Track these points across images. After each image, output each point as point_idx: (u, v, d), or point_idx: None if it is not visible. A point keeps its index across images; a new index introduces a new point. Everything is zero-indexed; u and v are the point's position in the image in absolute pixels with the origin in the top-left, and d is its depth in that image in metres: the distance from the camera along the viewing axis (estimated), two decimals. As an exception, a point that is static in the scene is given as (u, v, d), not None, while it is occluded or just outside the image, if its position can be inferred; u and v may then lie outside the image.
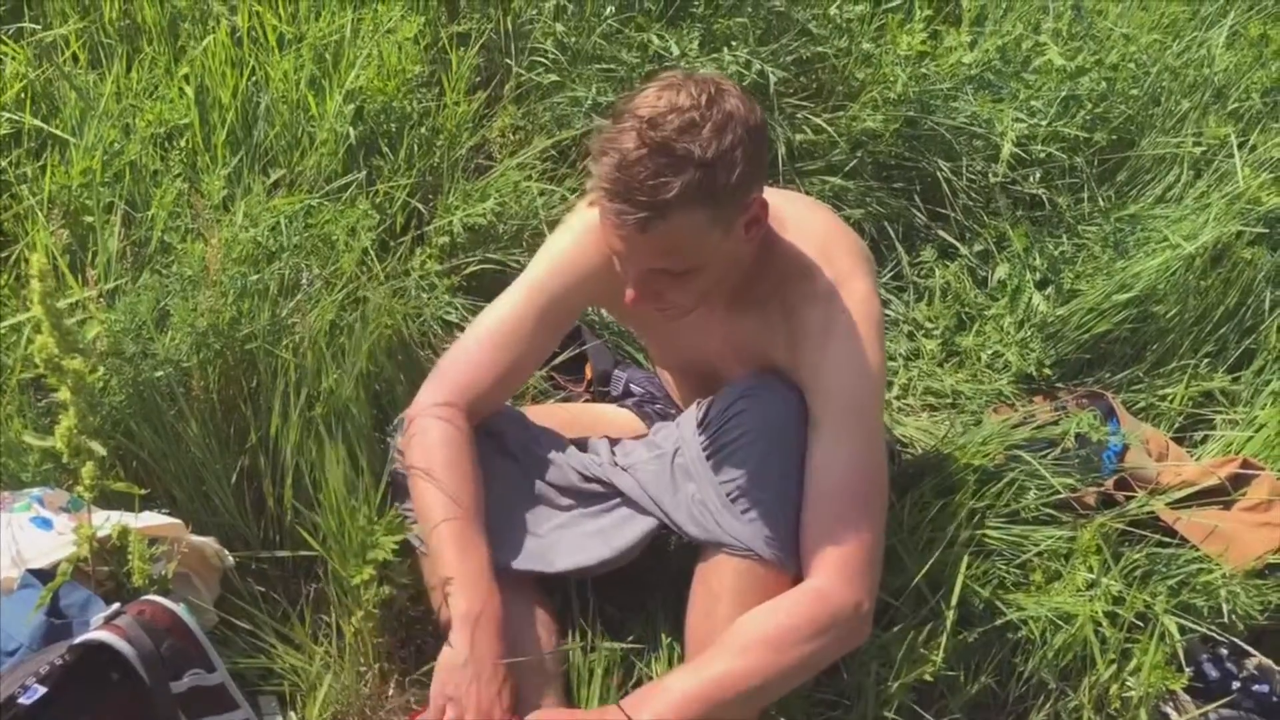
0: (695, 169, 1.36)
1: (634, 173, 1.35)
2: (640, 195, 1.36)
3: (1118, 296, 2.34)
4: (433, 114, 2.41)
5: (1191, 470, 2.04)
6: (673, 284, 1.47)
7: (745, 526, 1.52)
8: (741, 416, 1.54)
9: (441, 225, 2.24)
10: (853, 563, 1.49)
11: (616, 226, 1.40)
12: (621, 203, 1.37)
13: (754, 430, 1.52)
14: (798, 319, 1.55)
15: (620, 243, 1.43)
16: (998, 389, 2.36)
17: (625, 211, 1.38)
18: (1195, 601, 1.81)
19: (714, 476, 1.54)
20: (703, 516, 1.54)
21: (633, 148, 1.35)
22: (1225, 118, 2.58)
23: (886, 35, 2.64)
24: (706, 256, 1.45)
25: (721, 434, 1.55)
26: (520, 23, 2.65)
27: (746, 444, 1.52)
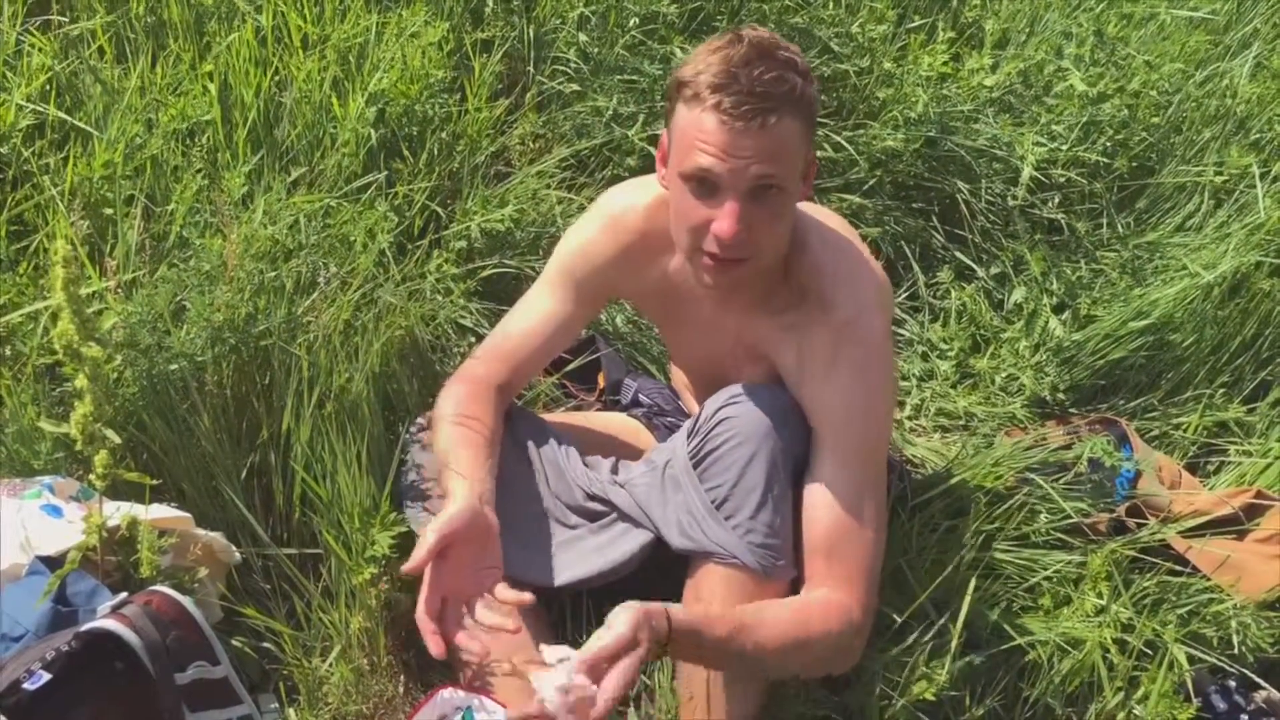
0: (796, 74, 1.42)
1: (752, 71, 1.38)
2: (760, 87, 1.38)
3: (1134, 323, 2.33)
4: (454, 119, 2.42)
5: (1204, 499, 2.02)
6: (763, 216, 1.45)
7: (729, 534, 1.52)
8: (725, 423, 1.54)
9: (459, 230, 2.24)
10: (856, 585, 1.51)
11: (732, 123, 1.39)
12: (741, 97, 1.38)
13: (737, 436, 1.52)
14: (808, 341, 1.56)
15: (727, 150, 1.40)
16: (1011, 412, 2.35)
17: (745, 104, 1.38)
18: (1205, 631, 1.79)
19: (699, 484, 1.54)
20: (690, 526, 1.54)
21: (740, 54, 1.40)
22: (1247, 148, 2.57)
23: (908, 56, 2.64)
24: (795, 181, 1.47)
25: (706, 441, 1.55)
26: (544, 31, 2.66)
27: (729, 450, 1.52)
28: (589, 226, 1.70)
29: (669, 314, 1.73)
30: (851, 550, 1.52)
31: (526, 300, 1.74)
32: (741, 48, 1.40)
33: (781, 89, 1.39)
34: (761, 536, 1.51)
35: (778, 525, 1.52)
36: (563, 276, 1.71)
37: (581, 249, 1.69)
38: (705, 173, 1.43)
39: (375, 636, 1.65)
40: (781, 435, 1.53)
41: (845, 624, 1.49)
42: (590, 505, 1.68)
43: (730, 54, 1.40)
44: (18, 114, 2.07)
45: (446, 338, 2.13)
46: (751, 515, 1.51)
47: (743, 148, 1.40)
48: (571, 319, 1.73)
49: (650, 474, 1.63)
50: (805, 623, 1.48)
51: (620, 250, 1.66)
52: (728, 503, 1.52)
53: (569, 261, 1.70)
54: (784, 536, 1.54)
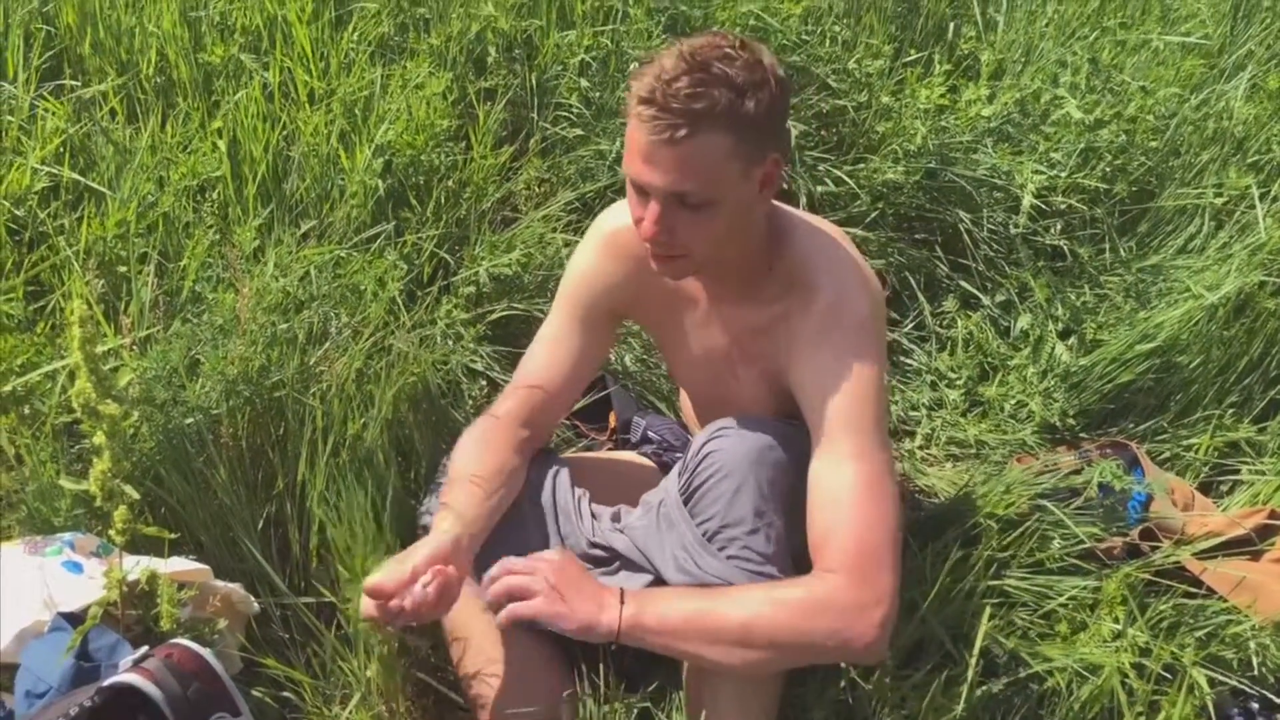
0: (728, 90, 1.41)
1: (671, 85, 1.40)
2: (675, 104, 1.39)
3: (1140, 347, 2.34)
4: (460, 167, 2.46)
5: (1218, 520, 2.02)
6: (688, 220, 1.48)
7: (723, 564, 1.52)
8: (710, 457, 1.56)
9: (468, 275, 2.27)
10: (864, 563, 1.45)
11: (647, 136, 1.42)
12: (657, 111, 1.40)
13: (724, 467, 1.54)
14: (795, 327, 1.58)
15: (645, 161, 1.44)
16: (1021, 439, 2.35)
17: (659, 119, 1.40)
18: (1224, 654, 1.78)
19: (690, 519, 1.56)
20: (684, 560, 1.55)
21: (671, 65, 1.41)
22: (1246, 169, 2.59)
23: (906, 89, 2.67)
24: (724, 191, 1.47)
25: (695, 477, 1.57)
26: (546, 78, 2.70)
27: (715, 483, 1.54)
28: (586, 251, 1.74)
29: (667, 322, 1.75)
30: (849, 529, 1.47)
31: (541, 335, 1.77)
32: (673, 60, 1.42)
33: (696, 105, 1.40)
34: (755, 565, 1.52)
35: (771, 551, 1.52)
36: (571, 305, 1.74)
37: (583, 274, 1.73)
38: (633, 178, 1.49)
39: (392, 683, 1.65)
40: (768, 463, 1.54)
41: (842, 598, 1.44)
42: (594, 553, 1.70)
43: (663, 66, 1.42)
44: (33, 177, 2.11)
45: (458, 382, 2.15)
46: (744, 544, 1.52)
47: (658, 159, 1.43)
48: (588, 346, 1.75)
49: (646, 515, 1.64)
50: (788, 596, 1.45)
51: (618, 268, 1.70)
52: (719, 534, 1.53)
53: (574, 290, 1.74)
54: (780, 561, 1.54)
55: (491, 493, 1.62)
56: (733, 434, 1.58)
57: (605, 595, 1.49)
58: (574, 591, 1.48)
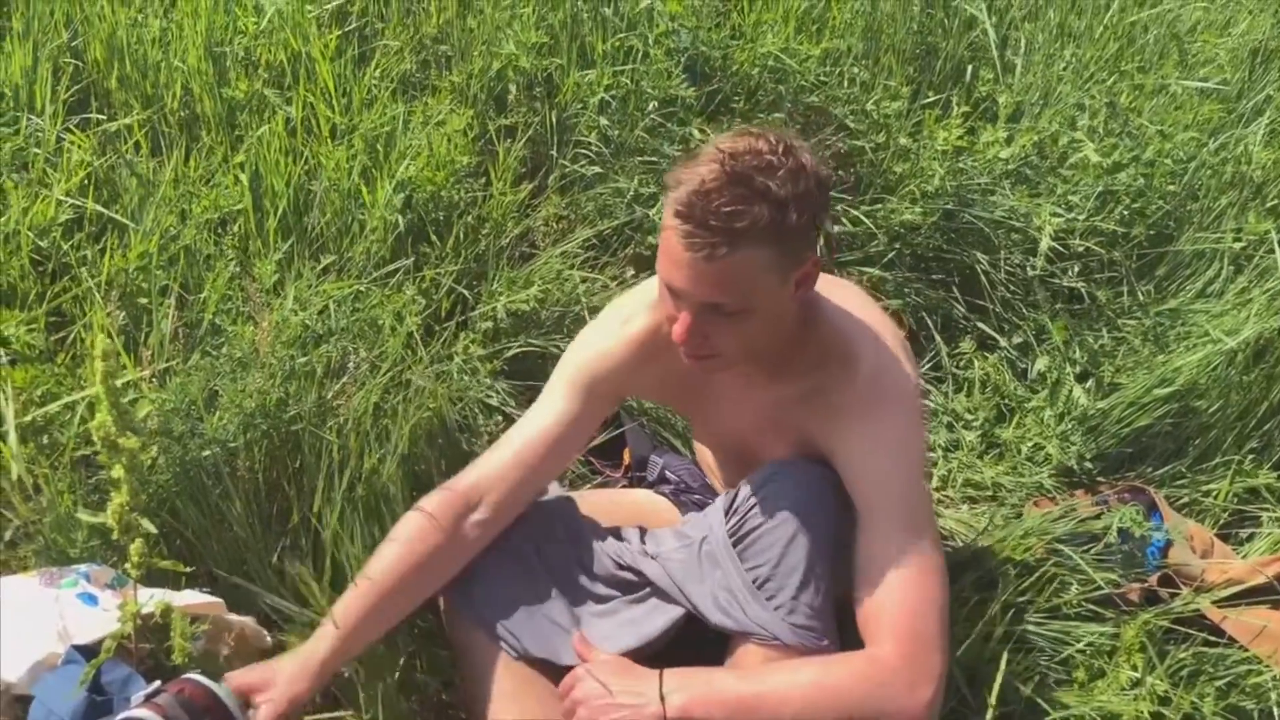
0: (769, 205, 1.37)
1: (711, 199, 1.36)
2: (714, 220, 1.36)
3: (1159, 391, 2.33)
4: (480, 203, 2.47)
5: (1238, 568, 2.00)
6: (722, 326, 1.46)
7: (770, 614, 1.51)
8: (766, 502, 1.54)
9: (486, 311, 2.28)
10: (915, 646, 1.45)
11: (683, 251, 1.39)
12: (694, 226, 1.37)
13: (779, 515, 1.52)
14: (835, 401, 1.55)
15: (681, 271, 1.41)
16: (1038, 482, 2.34)
17: (695, 235, 1.37)
18: (1245, 704, 1.76)
19: (740, 564, 1.54)
20: (730, 605, 1.54)
21: (712, 176, 1.37)
22: (1265, 214, 2.59)
23: (924, 130, 2.69)
24: (760, 300, 1.44)
25: (747, 520, 1.55)
26: (566, 116, 2.72)
27: (770, 529, 1.52)
28: (602, 334, 1.69)
29: (692, 401, 1.74)
30: (901, 609, 1.46)
31: (539, 403, 1.70)
32: (715, 170, 1.37)
33: (737, 224, 1.37)
34: (804, 618, 1.51)
35: (818, 605, 1.51)
36: (576, 381, 1.68)
37: (595, 354, 1.68)
38: (667, 283, 1.46)
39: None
40: (822, 514, 1.53)
41: (893, 681, 1.43)
42: (622, 575, 1.68)
43: (703, 176, 1.38)
44: (58, 209, 2.13)
45: (474, 417, 2.15)
46: (794, 595, 1.50)
47: (693, 273, 1.41)
48: (580, 420, 1.68)
49: (685, 550, 1.62)
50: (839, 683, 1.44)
51: (636, 353, 1.66)
52: (769, 583, 1.52)
53: (582, 366, 1.68)
54: (825, 617, 1.53)
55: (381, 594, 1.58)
56: (788, 480, 1.56)
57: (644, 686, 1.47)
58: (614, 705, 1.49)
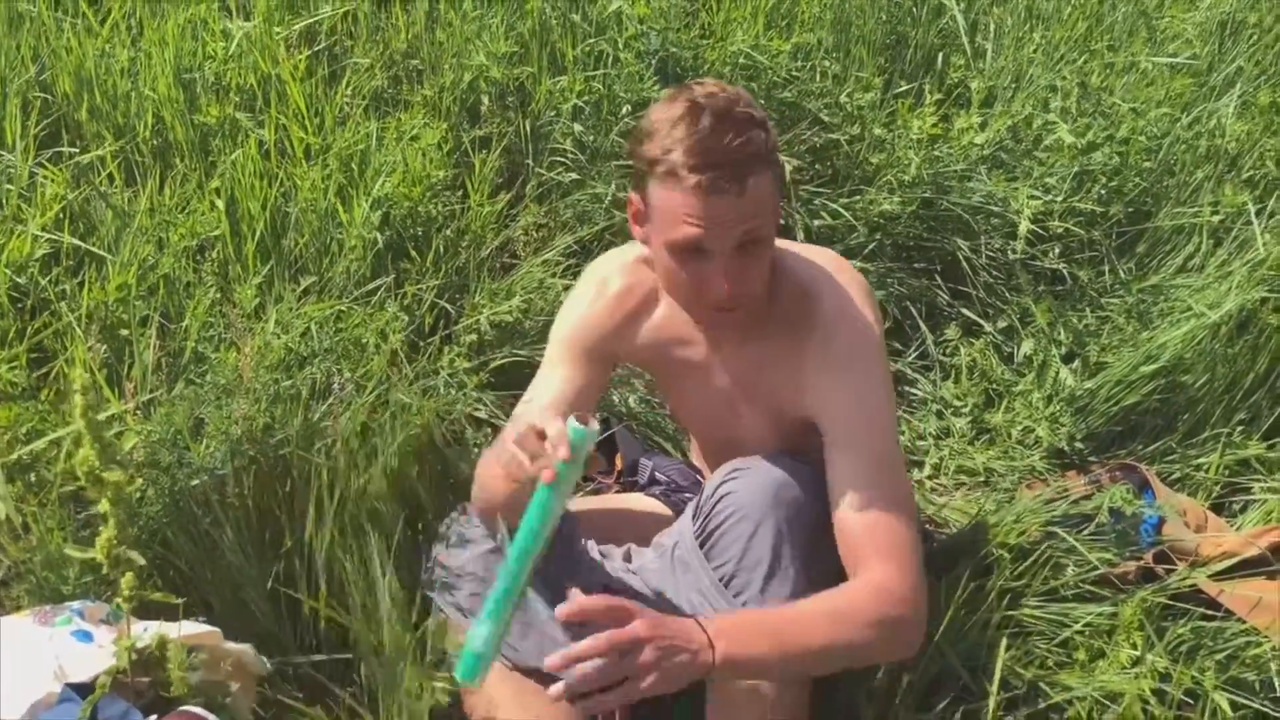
0: (758, 128, 1.45)
1: (720, 139, 1.41)
2: (734, 155, 1.41)
3: (1145, 368, 2.33)
4: (458, 216, 2.47)
5: (1232, 541, 2.00)
6: (748, 262, 1.50)
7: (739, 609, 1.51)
8: (726, 499, 1.55)
9: (469, 324, 2.28)
10: (903, 561, 1.49)
11: (707, 196, 1.42)
12: (717, 170, 1.41)
13: (738, 511, 1.53)
14: (801, 346, 1.59)
15: (715, 220, 1.44)
16: (1030, 465, 2.34)
17: (722, 177, 1.41)
18: (1246, 676, 1.76)
19: (706, 564, 1.54)
20: (701, 606, 1.54)
21: (706, 123, 1.41)
22: (1241, 186, 2.59)
23: (898, 120, 2.69)
24: (773, 224, 1.51)
25: (710, 519, 1.56)
26: (540, 124, 2.73)
27: (731, 525, 1.53)
28: (583, 299, 1.72)
29: (668, 366, 1.74)
30: (880, 531, 1.50)
31: (540, 380, 1.72)
32: (705, 118, 1.42)
33: (751, 151, 1.43)
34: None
35: (788, 594, 1.51)
36: (570, 350, 1.70)
37: (583, 320, 1.70)
38: (696, 243, 1.47)
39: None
40: (785, 503, 1.53)
41: (887, 598, 1.46)
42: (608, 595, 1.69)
43: (695, 126, 1.42)
44: (34, 244, 2.12)
45: (462, 431, 2.15)
46: (761, 589, 1.51)
47: (726, 216, 1.44)
48: (588, 387, 1.70)
49: (661, 559, 1.64)
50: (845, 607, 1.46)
51: (616, 314, 1.69)
52: (736, 579, 1.52)
53: (573, 335, 1.71)
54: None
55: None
56: (747, 475, 1.57)
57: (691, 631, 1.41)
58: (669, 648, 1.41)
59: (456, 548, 1.75)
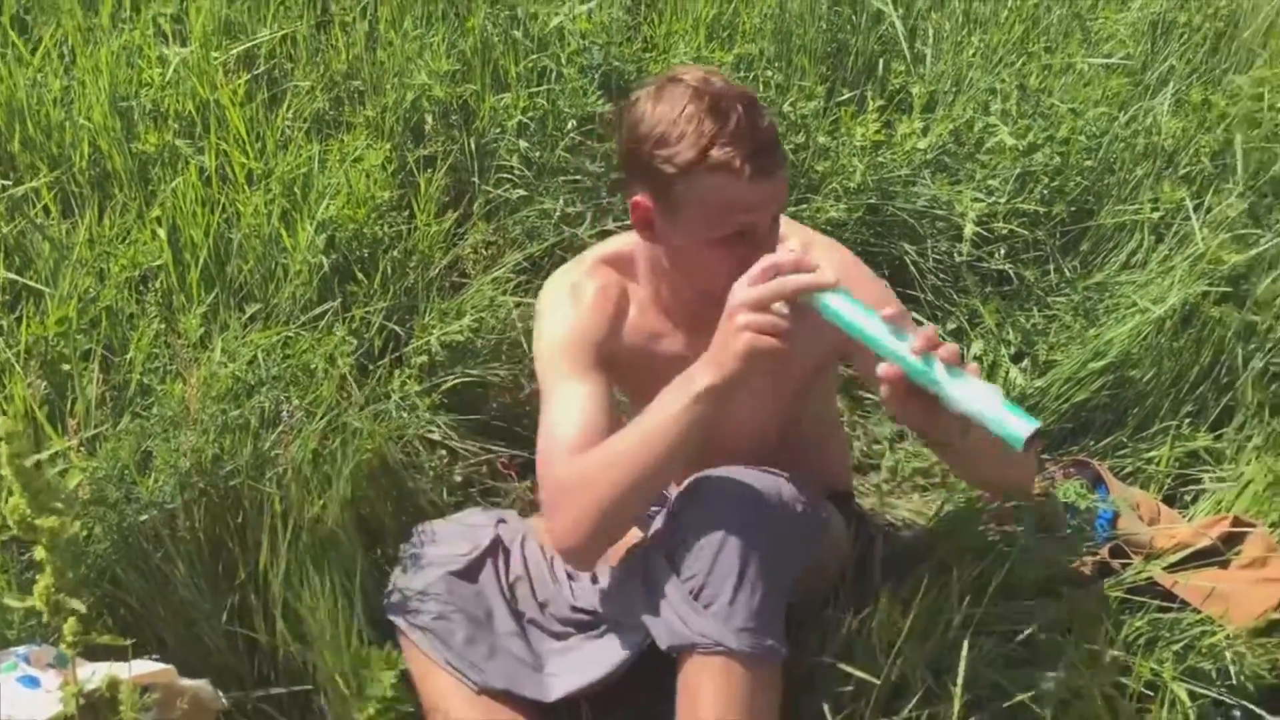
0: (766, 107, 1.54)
1: (755, 124, 1.46)
2: (771, 136, 1.48)
3: (1093, 364, 2.36)
4: (404, 237, 2.45)
5: (1185, 532, 2.03)
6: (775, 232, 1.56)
7: (709, 621, 1.49)
8: (694, 512, 1.54)
9: (419, 345, 2.25)
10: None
11: (759, 182, 1.46)
12: (765, 155, 1.46)
13: (708, 522, 1.51)
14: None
15: (764, 198, 1.49)
16: (985, 465, 2.36)
17: (769, 161, 1.47)
18: (1203, 665, 1.78)
19: (675, 577, 1.53)
20: (672, 620, 1.53)
21: (742, 110, 1.45)
22: (1179, 182, 2.64)
23: (841, 128, 2.70)
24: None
25: (678, 532, 1.54)
26: (485, 141, 2.71)
27: (700, 537, 1.51)
28: (563, 310, 1.67)
29: (651, 362, 1.70)
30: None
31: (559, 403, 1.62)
32: (734, 106, 1.45)
33: (776, 131, 1.50)
34: (743, 619, 1.49)
35: (758, 606, 1.50)
36: (577, 363, 1.64)
37: (575, 330, 1.65)
38: (749, 229, 1.50)
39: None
40: (751, 511, 1.53)
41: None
42: (577, 617, 1.68)
43: (731, 116, 1.45)
44: (-33, 281, 2.08)
45: (416, 454, 2.13)
46: (730, 600, 1.49)
47: (773, 195, 1.51)
48: (606, 395, 1.65)
49: (629, 573, 1.63)
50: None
51: (602, 315, 1.67)
52: (705, 590, 1.50)
53: (573, 347, 1.65)
54: (768, 616, 1.52)
55: None
56: (715, 486, 1.56)
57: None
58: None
59: (418, 570, 1.74)
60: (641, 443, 1.50)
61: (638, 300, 1.70)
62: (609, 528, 1.54)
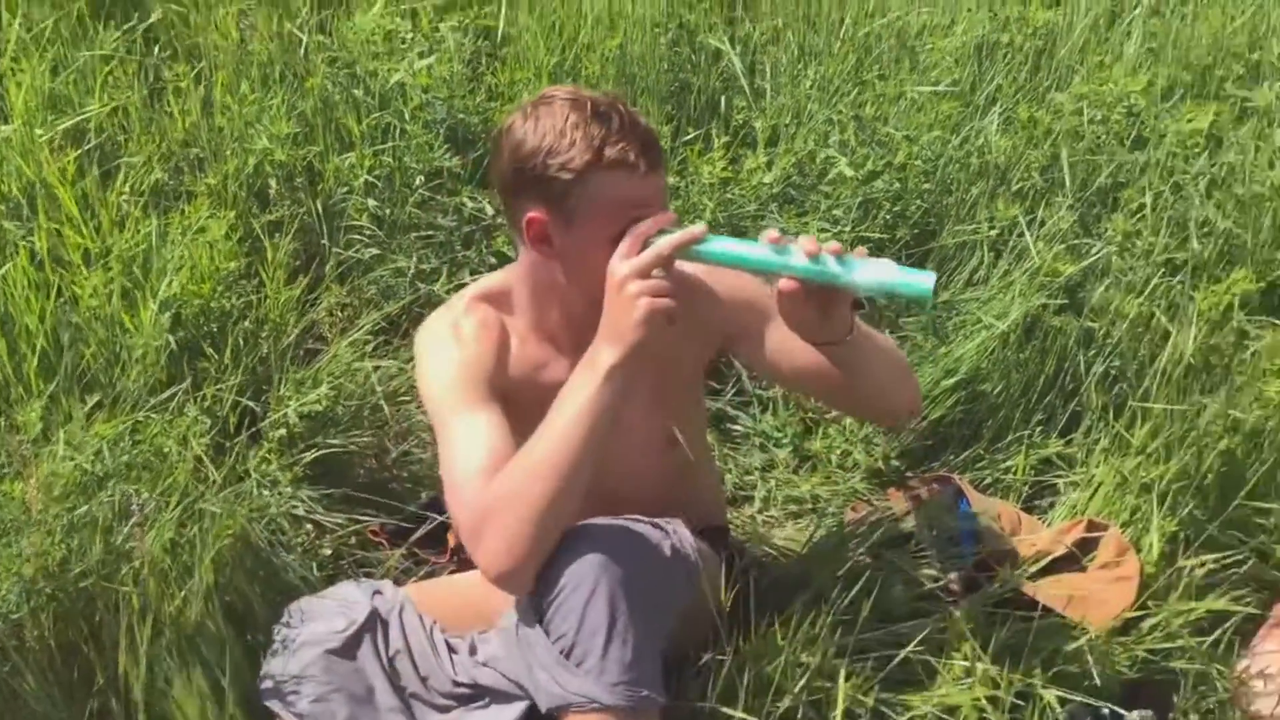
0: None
1: (637, 123, 1.54)
2: (653, 134, 1.56)
3: (946, 382, 2.44)
4: (255, 306, 2.39)
5: (1044, 540, 2.11)
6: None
7: (583, 679, 1.49)
8: (558, 569, 1.52)
9: (277, 419, 2.19)
10: None
11: (655, 173, 1.55)
12: (654, 150, 1.54)
13: (571, 578, 1.51)
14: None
15: (656, 192, 1.56)
16: (852, 488, 2.42)
17: (658, 155, 1.55)
18: (1070, 669, 1.85)
19: (546, 638, 1.53)
20: (549, 683, 1.52)
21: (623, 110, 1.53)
22: (1012, 198, 2.75)
23: (689, 166, 2.75)
24: None
25: (543, 592, 1.53)
26: (333, 202, 2.68)
27: (566, 595, 1.51)
28: (447, 349, 1.65)
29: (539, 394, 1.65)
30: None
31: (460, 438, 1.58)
32: (614, 108, 1.53)
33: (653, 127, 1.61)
34: (616, 674, 1.49)
35: (630, 658, 1.50)
36: (470, 395, 1.61)
37: (463, 364, 1.63)
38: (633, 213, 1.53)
39: None
40: (617, 560, 1.52)
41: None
42: (459, 691, 1.66)
43: (613, 118, 1.51)
44: None
45: (281, 531, 2.07)
46: (602, 655, 1.49)
47: (662, 188, 1.59)
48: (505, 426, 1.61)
49: (504, 641, 1.61)
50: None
51: (487, 347, 1.66)
52: (575, 649, 1.50)
53: (463, 381, 1.62)
54: (643, 665, 1.52)
55: None
56: (578, 542, 1.55)
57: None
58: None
59: (293, 652, 1.69)
60: (560, 440, 1.50)
61: (517, 332, 1.71)
62: (544, 539, 1.51)
